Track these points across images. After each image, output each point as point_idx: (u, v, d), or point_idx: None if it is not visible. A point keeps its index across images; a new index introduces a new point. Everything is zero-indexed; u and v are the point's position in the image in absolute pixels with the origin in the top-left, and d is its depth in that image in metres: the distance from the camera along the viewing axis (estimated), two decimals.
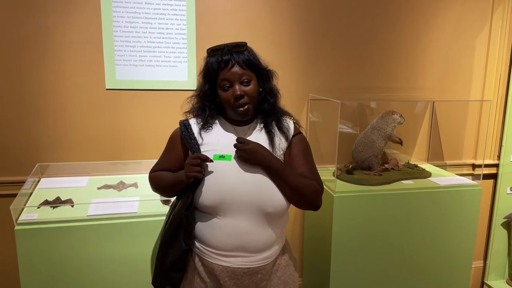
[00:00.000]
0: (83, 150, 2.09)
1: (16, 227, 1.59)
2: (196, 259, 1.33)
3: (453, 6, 2.42)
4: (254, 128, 1.37)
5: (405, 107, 2.45)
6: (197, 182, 1.28)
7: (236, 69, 1.28)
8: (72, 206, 1.75)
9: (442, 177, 2.31)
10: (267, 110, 1.36)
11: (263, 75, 1.35)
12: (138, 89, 2.10)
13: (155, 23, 2.06)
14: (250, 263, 1.28)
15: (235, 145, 1.29)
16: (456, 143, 2.61)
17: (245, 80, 1.28)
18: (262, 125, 1.37)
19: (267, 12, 2.19)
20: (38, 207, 1.73)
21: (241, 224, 1.26)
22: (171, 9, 2.07)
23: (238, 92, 1.27)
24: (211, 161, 1.28)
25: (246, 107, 1.29)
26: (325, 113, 2.34)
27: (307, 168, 1.34)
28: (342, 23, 2.29)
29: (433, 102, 2.52)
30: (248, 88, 1.29)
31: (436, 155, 2.58)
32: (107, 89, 2.06)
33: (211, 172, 1.29)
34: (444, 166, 2.56)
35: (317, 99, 2.32)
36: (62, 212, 1.70)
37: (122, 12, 2.01)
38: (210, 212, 1.28)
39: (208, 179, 1.28)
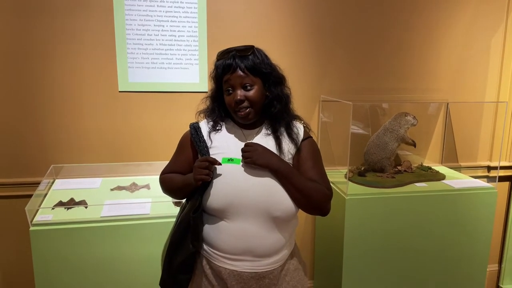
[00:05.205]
0: (96, 151, 2.12)
1: (31, 228, 1.62)
2: (204, 262, 1.33)
3: (468, 6, 2.38)
4: (261, 132, 1.37)
5: (418, 108, 2.42)
6: (206, 185, 1.29)
7: (238, 73, 1.27)
8: (86, 207, 1.78)
9: (457, 180, 2.28)
10: (275, 114, 1.35)
11: (270, 80, 1.33)
12: (150, 91, 2.12)
13: (167, 26, 2.07)
14: (258, 268, 1.27)
15: (242, 149, 1.29)
16: (471, 145, 2.57)
17: (247, 85, 1.28)
18: (270, 130, 1.36)
19: (278, 14, 2.19)
20: (53, 208, 1.75)
21: (249, 228, 1.25)
22: (182, 12, 2.08)
23: (238, 97, 1.27)
24: (220, 164, 1.28)
25: (247, 111, 1.29)
26: (336, 115, 2.33)
27: (316, 172, 1.33)
28: (353, 24, 2.28)
29: (448, 104, 2.49)
30: (250, 93, 1.28)
31: (450, 157, 2.55)
32: (119, 92, 2.09)
33: (220, 175, 1.29)
34: (458, 168, 2.52)
35: (329, 101, 2.31)
36: (76, 213, 1.72)
37: (135, 15, 2.03)
38: (218, 215, 1.28)
39: (216, 182, 1.28)
